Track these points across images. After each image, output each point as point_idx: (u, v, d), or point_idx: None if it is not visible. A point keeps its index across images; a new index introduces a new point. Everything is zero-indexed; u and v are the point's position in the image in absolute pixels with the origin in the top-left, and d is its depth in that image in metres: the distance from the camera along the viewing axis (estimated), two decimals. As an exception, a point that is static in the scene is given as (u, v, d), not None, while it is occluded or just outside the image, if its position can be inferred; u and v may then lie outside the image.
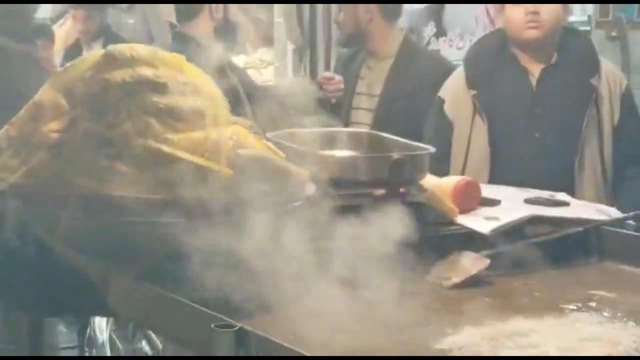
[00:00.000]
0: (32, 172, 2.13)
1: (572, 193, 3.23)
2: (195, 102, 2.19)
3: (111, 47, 2.23)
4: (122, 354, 4.37)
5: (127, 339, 4.37)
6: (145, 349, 4.24)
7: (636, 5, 4.70)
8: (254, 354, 1.80)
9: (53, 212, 2.13)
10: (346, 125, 4.04)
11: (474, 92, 3.67)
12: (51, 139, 2.13)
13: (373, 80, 4.35)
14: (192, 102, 2.18)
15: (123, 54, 2.19)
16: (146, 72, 2.16)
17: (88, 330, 4.43)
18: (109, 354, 4.40)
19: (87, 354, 4.45)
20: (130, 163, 2.09)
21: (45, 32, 6.62)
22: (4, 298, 2.73)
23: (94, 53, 2.28)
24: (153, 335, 3.99)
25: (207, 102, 2.22)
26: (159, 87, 2.15)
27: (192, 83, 2.23)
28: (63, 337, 5.06)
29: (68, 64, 2.28)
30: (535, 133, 3.60)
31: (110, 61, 2.18)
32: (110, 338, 4.42)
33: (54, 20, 6.99)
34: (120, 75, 2.15)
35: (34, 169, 2.13)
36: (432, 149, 2.67)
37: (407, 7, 4.84)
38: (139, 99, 2.12)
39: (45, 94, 2.19)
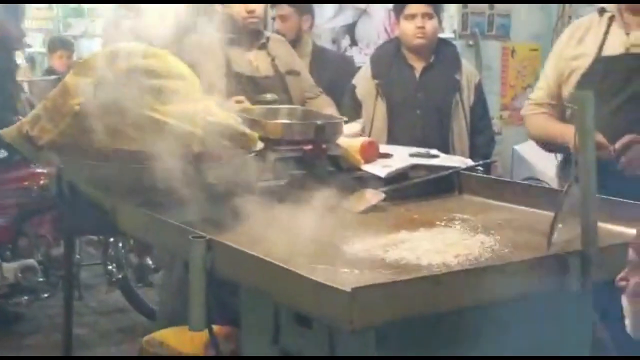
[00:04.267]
0: (62, 133, 2.08)
1: (446, 150, 3.25)
2: (177, 84, 2.16)
3: (114, 45, 2.18)
4: (134, 267, 4.30)
5: (138, 256, 4.31)
6: (149, 262, 4.21)
7: (486, 21, 4.72)
8: (218, 256, 1.78)
9: (77, 161, 2.09)
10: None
11: (377, 81, 3.65)
12: (75, 110, 2.09)
13: None
14: (175, 84, 2.15)
15: (124, 49, 2.14)
16: (142, 62, 2.12)
17: (109, 250, 4.36)
18: (125, 268, 4.33)
19: (109, 268, 4.36)
20: (131, 126, 2.05)
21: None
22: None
23: (103, 49, 2.22)
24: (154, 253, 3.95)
25: (186, 84, 2.19)
26: (151, 73, 2.11)
27: (175, 70, 2.19)
28: (92, 257, 4.98)
29: (85, 57, 2.22)
30: (417, 110, 3.60)
31: (116, 54, 2.14)
32: (126, 256, 4.35)
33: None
34: (123, 64, 2.11)
35: (63, 130, 2.08)
36: (345, 118, 2.67)
37: (329, 25, 4.78)
38: (137, 81, 2.08)
39: (70, 78, 2.14)
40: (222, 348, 2.13)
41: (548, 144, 2.92)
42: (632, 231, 1.47)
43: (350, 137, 2.73)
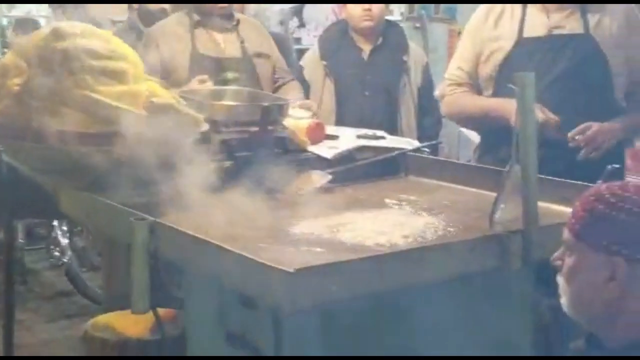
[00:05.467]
0: (1, 114, 2.03)
1: (394, 131, 3.26)
2: (120, 64, 2.12)
3: (56, 24, 2.14)
4: (79, 250, 4.24)
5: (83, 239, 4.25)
6: (94, 245, 4.15)
7: (433, 5, 4.74)
8: (161, 239, 1.76)
9: (17, 143, 2.05)
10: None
11: (325, 62, 3.66)
12: (14, 90, 2.04)
13: None
14: (117, 65, 2.11)
15: (65, 28, 2.10)
16: (83, 42, 2.08)
17: (53, 233, 4.29)
18: (69, 251, 4.26)
19: (53, 252, 4.30)
20: (72, 107, 2.01)
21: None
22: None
23: (43, 29, 2.17)
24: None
25: (128, 65, 2.15)
26: (92, 53, 2.07)
27: (117, 51, 2.16)
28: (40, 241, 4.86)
29: (26, 37, 2.17)
30: (365, 92, 3.61)
31: (56, 34, 2.09)
32: (71, 240, 4.29)
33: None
34: (63, 44, 2.07)
35: (2, 111, 2.03)
36: (291, 99, 2.67)
37: (278, 6, 4.75)
38: (77, 61, 2.04)
39: (9, 58, 2.09)
40: (167, 331, 2.12)
41: (471, 120, 2.93)
42: (569, 210, 1.50)
43: (297, 118, 2.73)
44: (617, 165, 2.27)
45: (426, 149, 2.80)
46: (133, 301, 1.75)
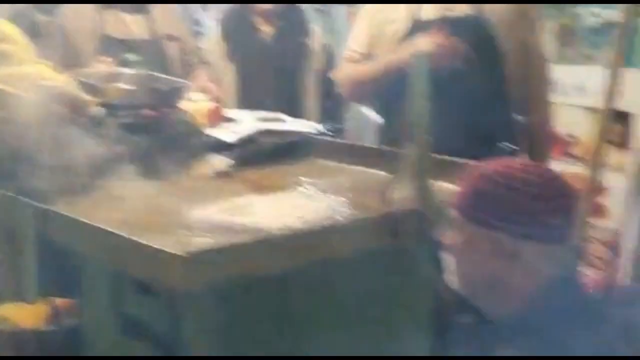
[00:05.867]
0: None
1: (297, 114, 3.26)
2: (5, 46, 2.05)
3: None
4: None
5: None
6: None
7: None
8: (51, 225, 1.72)
9: None
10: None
11: (225, 44, 3.65)
12: None
13: None
14: (2, 47, 2.04)
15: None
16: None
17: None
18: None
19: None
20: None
21: None
22: None
23: None
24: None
25: (15, 47, 2.09)
26: (-23, 35, 2.00)
27: (5, 33, 2.08)
28: None
29: None
30: (267, 75, 3.61)
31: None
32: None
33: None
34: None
35: None
36: (188, 83, 2.64)
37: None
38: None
39: None
40: (64, 320, 2.07)
41: (368, 90, 2.94)
42: (457, 188, 1.54)
43: (195, 101, 2.70)
44: (509, 145, 2.34)
45: (330, 132, 2.82)
46: (22, 290, 1.70)
